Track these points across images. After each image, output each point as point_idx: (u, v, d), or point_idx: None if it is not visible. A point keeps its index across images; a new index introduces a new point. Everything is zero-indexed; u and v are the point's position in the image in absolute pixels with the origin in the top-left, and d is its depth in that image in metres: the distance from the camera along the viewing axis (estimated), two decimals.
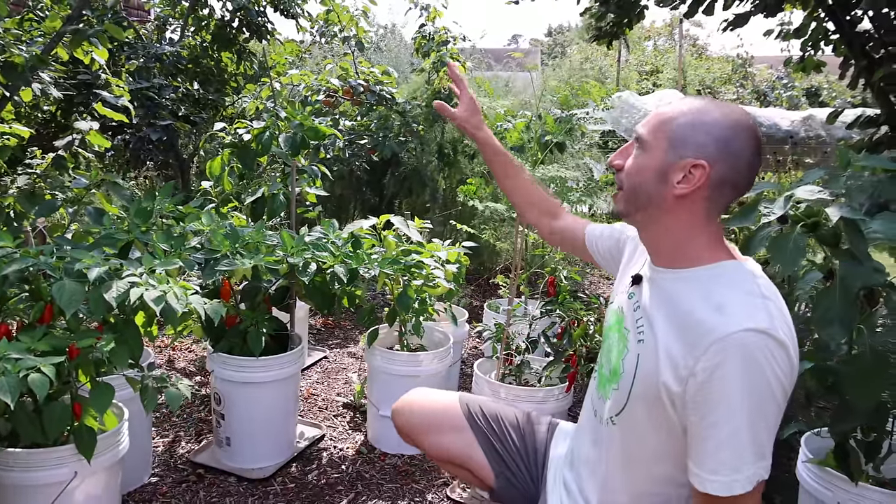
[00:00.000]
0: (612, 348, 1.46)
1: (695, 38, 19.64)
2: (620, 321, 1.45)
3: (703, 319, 1.21)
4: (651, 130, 1.32)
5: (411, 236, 3.20)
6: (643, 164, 1.32)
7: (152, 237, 2.67)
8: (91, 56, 3.54)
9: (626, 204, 1.37)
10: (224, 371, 2.80)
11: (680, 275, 1.33)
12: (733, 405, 1.16)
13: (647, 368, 1.31)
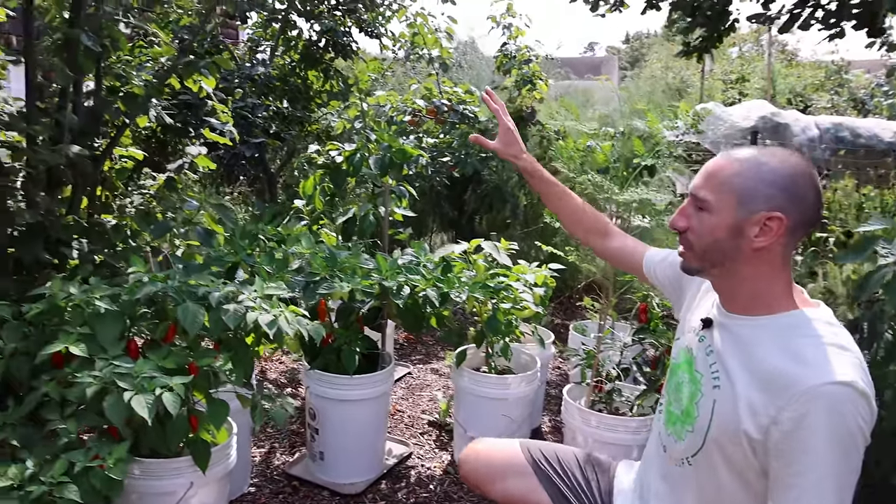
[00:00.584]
0: (683, 388, 1.50)
1: (784, 44, 18.53)
2: (691, 362, 1.49)
3: (786, 370, 1.25)
4: (714, 190, 1.35)
5: (501, 261, 3.29)
6: (715, 225, 1.35)
7: (257, 259, 2.85)
8: (199, 84, 3.76)
9: (699, 262, 1.41)
10: (319, 388, 2.95)
11: (757, 322, 1.36)
12: (819, 455, 1.19)
13: (725, 415, 1.34)
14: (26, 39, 2.91)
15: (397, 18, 6.68)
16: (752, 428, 1.27)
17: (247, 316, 2.16)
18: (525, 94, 6.32)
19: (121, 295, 2.16)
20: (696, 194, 1.38)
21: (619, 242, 1.96)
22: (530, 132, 6.31)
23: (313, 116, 6.95)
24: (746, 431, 1.28)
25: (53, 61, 3.04)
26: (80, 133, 3.07)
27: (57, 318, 2.16)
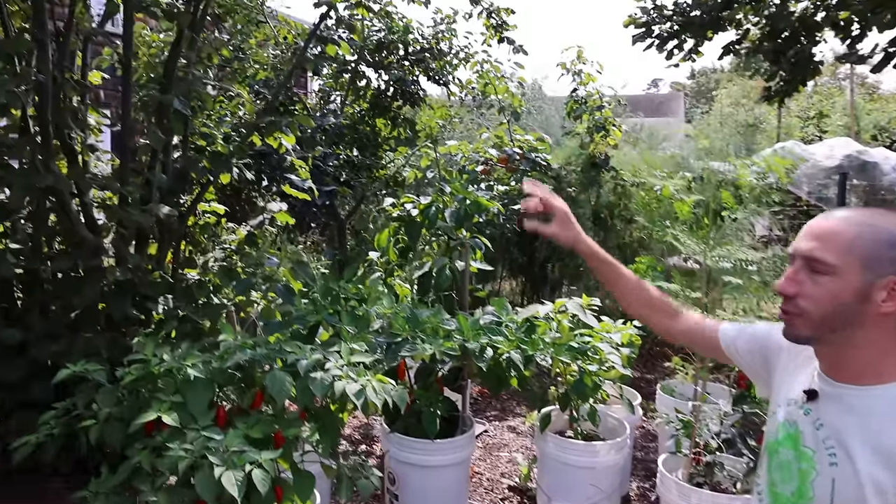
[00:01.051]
0: (790, 466, 1.38)
1: (863, 77, 17.96)
2: (796, 438, 1.37)
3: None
4: (836, 253, 1.26)
5: (585, 320, 3.19)
6: (837, 290, 1.26)
7: (338, 319, 2.82)
8: (279, 141, 3.82)
9: (813, 330, 1.30)
10: (400, 452, 2.88)
11: (869, 392, 1.27)
12: None
13: (848, 495, 1.25)
14: (123, 107, 3.01)
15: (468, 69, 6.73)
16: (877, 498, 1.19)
17: (335, 385, 2.11)
18: (598, 141, 6.25)
19: (211, 362, 2.15)
20: (816, 257, 1.28)
21: (687, 322, 1.78)
22: (604, 178, 6.23)
23: (381, 163, 7.02)
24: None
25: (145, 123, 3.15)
26: (168, 191, 3.14)
27: (150, 384, 2.16)
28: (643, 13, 6.28)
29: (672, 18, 6.17)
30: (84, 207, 3.08)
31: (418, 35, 6.67)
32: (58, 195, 2.84)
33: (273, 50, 6.45)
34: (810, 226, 1.32)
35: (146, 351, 2.17)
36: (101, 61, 3.35)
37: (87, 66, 3.18)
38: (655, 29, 6.39)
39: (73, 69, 3.17)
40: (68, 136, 2.97)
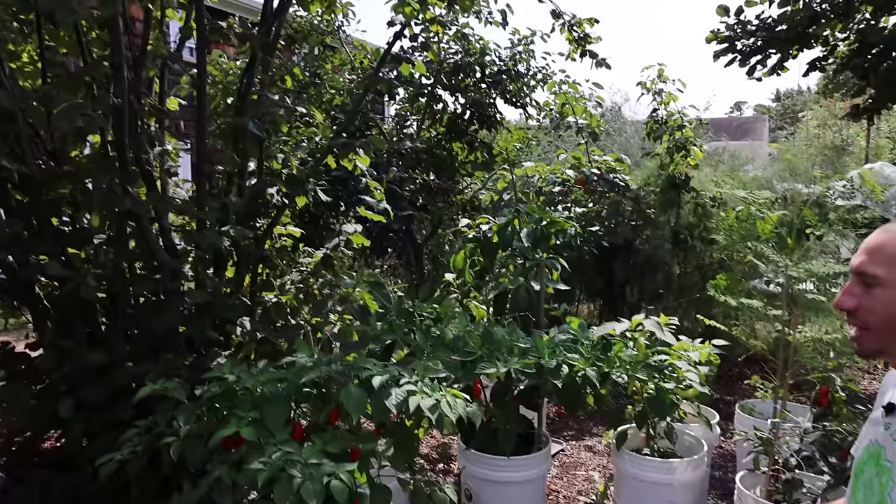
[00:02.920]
0: (872, 484, 1.37)
1: None
2: (878, 455, 1.37)
3: None
4: (885, 264, 1.30)
5: (665, 339, 3.13)
6: (890, 300, 1.29)
7: (413, 338, 2.86)
8: (354, 163, 3.90)
9: (877, 342, 1.33)
10: (476, 469, 2.89)
11: None
12: None
13: None
14: (198, 131, 3.12)
15: (547, 90, 6.69)
16: None
17: (409, 400, 2.14)
18: (678, 161, 6.14)
19: (287, 378, 2.21)
20: (865, 270, 1.32)
21: None
22: (684, 199, 6.11)
23: (458, 187, 7.06)
24: None
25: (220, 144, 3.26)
26: (244, 215, 3.24)
27: (228, 401, 2.23)
28: (727, 29, 6.16)
29: (756, 34, 6.04)
30: (163, 232, 3.18)
31: (495, 57, 6.69)
32: (136, 219, 2.93)
33: (349, 75, 6.60)
34: (866, 241, 1.35)
35: (224, 369, 2.25)
36: (179, 90, 3.49)
37: (165, 94, 3.31)
38: (738, 44, 6.27)
39: (150, 95, 3.30)
40: (146, 162, 3.09)
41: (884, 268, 1.31)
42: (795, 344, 2.99)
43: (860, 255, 1.34)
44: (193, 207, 3.08)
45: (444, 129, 6.91)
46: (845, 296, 1.35)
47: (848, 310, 1.34)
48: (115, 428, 2.57)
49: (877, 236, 1.35)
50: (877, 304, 1.31)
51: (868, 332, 1.33)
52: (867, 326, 1.33)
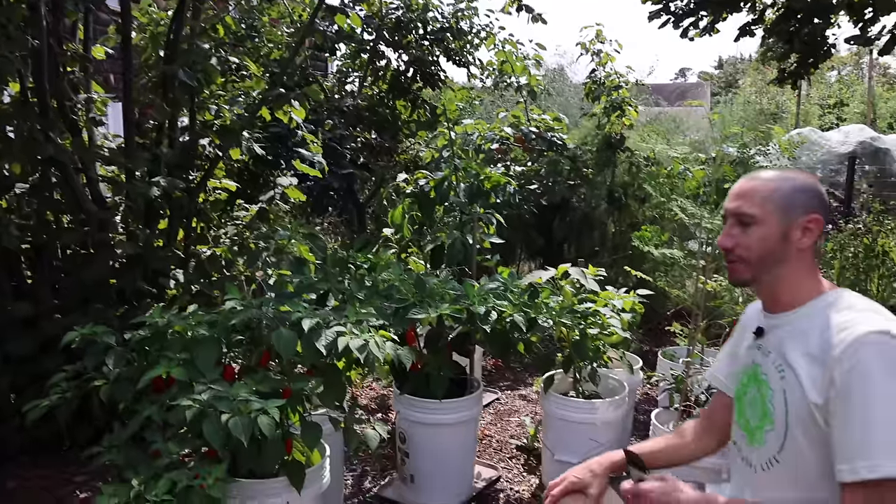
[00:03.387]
0: (756, 400, 1.59)
1: (885, 67, 18.06)
2: (756, 372, 1.61)
3: (832, 337, 1.41)
4: (757, 206, 1.54)
5: (589, 286, 3.25)
6: (764, 235, 1.53)
7: (347, 286, 2.91)
8: (289, 115, 3.90)
9: (753, 272, 1.56)
10: (409, 412, 2.98)
11: (801, 312, 1.54)
12: (876, 396, 1.31)
13: (796, 397, 1.46)
14: (125, 79, 3.08)
15: (486, 47, 6.68)
16: (816, 396, 1.40)
17: (338, 341, 2.21)
18: (614, 121, 6.26)
19: (217, 321, 2.25)
20: (742, 212, 1.55)
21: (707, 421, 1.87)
22: (619, 158, 6.24)
23: (401, 147, 7.05)
24: (814, 402, 1.40)
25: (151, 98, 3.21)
26: (175, 166, 3.22)
27: (158, 344, 2.26)
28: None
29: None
30: (90, 182, 3.12)
31: (438, 14, 6.65)
32: (61, 168, 2.88)
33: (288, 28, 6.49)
34: (736, 187, 1.59)
35: (153, 314, 2.28)
36: (106, 39, 3.42)
37: (90, 41, 3.23)
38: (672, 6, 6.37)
39: (73, 41, 3.21)
40: (70, 110, 3.02)
41: (758, 208, 1.54)
42: (711, 292, 3.15)
43: (735, 200, 1.57)
44: (121, 157, 3.05)
45: (386, 86, 6.86)
46: (726, 237, 1.58)
47: (729, 248, 1.57)
48: (43, 379, 2.56)
49: (747, 183, 1.58)
50: (753, 241, 1.54)
51: (743, 264, 1.57)
52: (745, 260, 1.56)
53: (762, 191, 1.55)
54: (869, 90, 13.37)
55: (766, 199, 1.54)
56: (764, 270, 1.56)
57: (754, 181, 1.57)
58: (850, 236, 5.31)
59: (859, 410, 1.32)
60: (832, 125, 12.33)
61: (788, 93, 14.55)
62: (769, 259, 1.54)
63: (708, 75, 36.75)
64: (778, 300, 1.58)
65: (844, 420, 1.34)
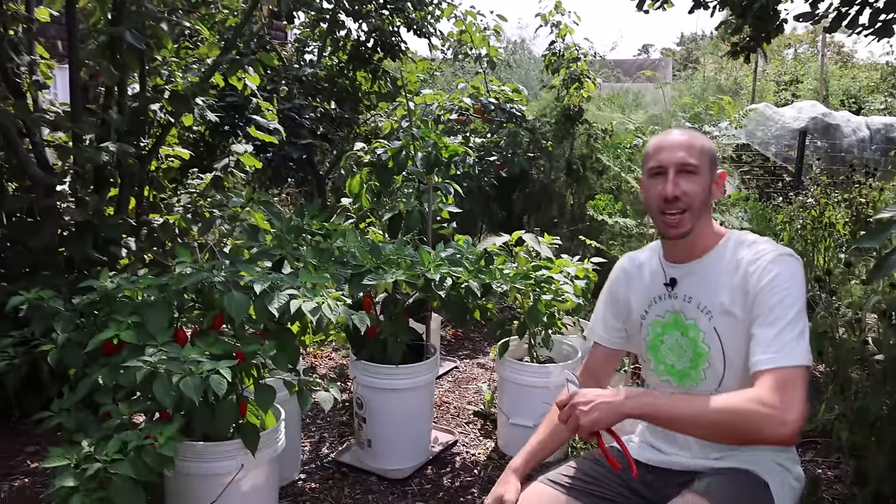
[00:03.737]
0: (680, 344, 1.70)
1: (840, 46, 18.54)
2: (677, 319, 1.71)
3: (748, 266, 1.58)
4: (697, 157, 1.63)
5: (542, 252, 3.29)
6: (703, 185, 1.64)
7: (303, 253, 2.91)
8: (244, 82, 3.84)
9: (693, 221, 1.64)
10: (365, 377, 3.00)
11: (713, 255, 1.66)
12: (792, 298, 1.51)
13: (728, 328, 1.60)
14: (70, 39, 3.00)
15: (446, 17, 6.63)
16: (746, 316, 1.56)
17: (290, 303, 2.21)
18: (573, 93, 6.28)
19: (168, 285, 2.23)
20: (687, 162, 1.62)
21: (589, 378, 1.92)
22: (578, 131, 6.28)
23: (362, 118, 6.99)
24: (743, 327, 1.56)
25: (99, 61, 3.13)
26: (125, 132, 3.15)
27: (107, 308, 2.23)
28: None
29: None
30: (35, 147, 3.04)
31: None
32: (3, 131, 2.79)
33: None
34: (673, 141, 1.65)
35: (102, 278, 2.25)
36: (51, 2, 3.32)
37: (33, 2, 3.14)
38: None
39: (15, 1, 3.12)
40: (12, 72, 2.94)
41: (697, 159, 1.63)
42: None
43: (678, 151, 1.63)
44: (68, 122, 2.98)
45: (346, 57, 6.78)
46: (673, 186, 1.62)
47: (676, 196, 1.61)
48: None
49: (683, 136, 1.66)
50: (696, 188, 1.63)
51: (688, 214, 1.63)
52: (688, 208, 1.62)
53: (697, 144, 1.65)
54: (822, 67, 13.64)
55: (702, 152, 1.64)
56: (697, 220, 1.64)
57: (689, 134, 1.67)
58: (800, 208, 5.45)
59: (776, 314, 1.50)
60: (787, 101, 12.58)
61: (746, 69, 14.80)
62: (703, 209, 1.64)
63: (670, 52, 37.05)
64: (695, 249, 1.68)
65: (764, 322, 1.51)
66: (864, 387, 2.75)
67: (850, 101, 13.46)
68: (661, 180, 1.63)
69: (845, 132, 9.20)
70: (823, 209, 5.21)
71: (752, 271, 1.57)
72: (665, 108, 7.43)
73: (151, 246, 3.26)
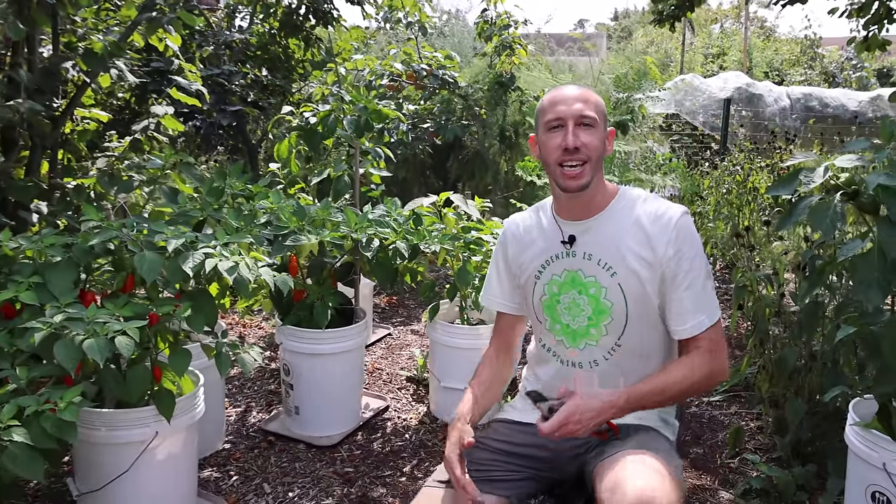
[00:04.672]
0: (577, 302, 1.69)
1: (763, 20, 19.30)
2: (574, 277, 1.69)
3: (652, 224, 1.61)
4: (594, 110, 1.63)
5: (471, 214, 3.25)
6: (600, 137, 1.64)
7: (224, 215, 2.80)
8: (165, 43, 3.67)
9: (592, 174, 1.62)
10: (292, 343, 2.92)
11: (610, 211, 1.67)
12: (698, 266, 1.60)
13: (632, 285, 1.62)
14: None
15: None
16: (650, 278, 1.60)
17: (205, 263, 2.12)
18: (504, 60, 6.24)
19: (74, 244, 2.11)
20: (586, 114, 1.61)
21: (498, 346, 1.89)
22: (510, 98, 6.25)
23: (296, 87, 6.84)
24: (649, 284, 1.61)
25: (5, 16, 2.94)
26: (35, 91, 2.97)
27: (6, 269, 2.10)
28: None
29: None
30: None
31: None
32: None
33: None
34: (564, 96, 1.63)
35: (2, 238, 2.12)
36: None
37: None
38: None
39: None
40: None
41: (594, 112, 1.62)
42: None
43: (576, 104, 1.61)
44: None
45: (277, 23, 6.60)
46: (574, 137, 1.60)
47: (577, 147, 1.59)
48: None
49: (578, 90, 1.65)
50: (594, 140, 1.62)
51: (587, 166, 1.62)
52: (588, 159, 1.61)
53: (592, 98, 1.65)
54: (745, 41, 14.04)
55: (597, 105, 1.65)
56: (596, 172, 1.64)
57: (582, 89, 1.66)
58: (725, 173, 5.56)
59: (688, 282, 1.59)
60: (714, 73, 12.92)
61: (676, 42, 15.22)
62: (599, 162, 1.65)
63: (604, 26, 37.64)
64: (592, 205, 1.68)
65: (676, 291, 1.60)
66: (781, 339, 2.81)
67: (773, 73, 14.02)
68: (560, 132, 1.61)
69: (768, 101, 9.63)
70: (747, 174, 5.32)
71: (657, 232, 1.61)
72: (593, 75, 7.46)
73: (65, 210, 3.09)
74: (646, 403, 1.58)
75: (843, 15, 4.42)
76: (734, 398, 3.36)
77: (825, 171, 1.78)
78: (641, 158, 6.71)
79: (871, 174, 1.72)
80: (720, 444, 2.95)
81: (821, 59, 15.05)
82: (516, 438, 1.71)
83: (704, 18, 19.15)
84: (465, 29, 10.52)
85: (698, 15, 17.19)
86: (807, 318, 2.40)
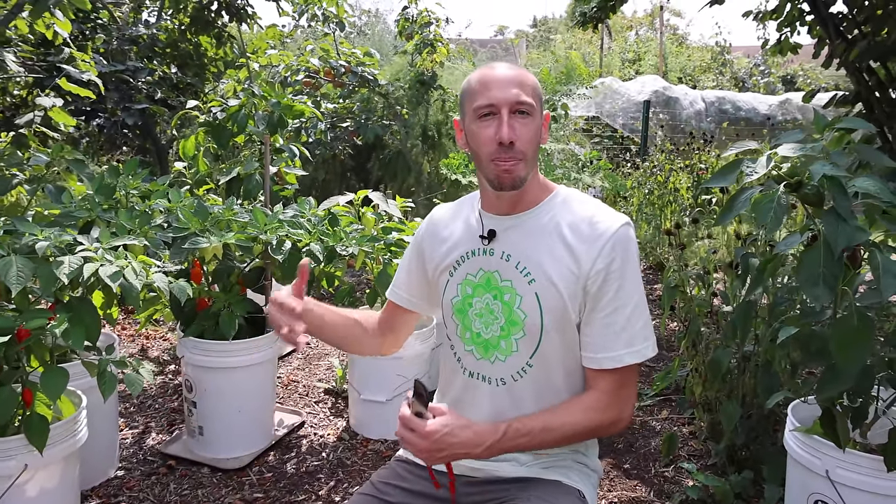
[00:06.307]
0: (490, 309, 1.44)
1: (675, 28, 20.15)
2: (489, 280, 1.45)
3: (586, 231, 1.38)
4: (531, 96, 1.38)
5: (392, 213, 3.05)
6: (537, 127, 1.40)
7: (115, 215, 2.51)
8: (53, 29, 3.36)
9: (528, 168, 1.39)
10: (195, 356, 2.65)
11: (541, 209, 1.44)
12: (629, 290, 1.36)
13: (551, 298, 1.38)
14: None
15: None
16: (573, 292, 1.36)
17: (84, 268, 1.85)
18: (425, 58, 6.08)
19: None
20: (524, 101, 1.36)
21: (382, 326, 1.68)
22: (432, 96, 6.09)
23: (210, 86, 6.52)
24: (570, 300, 1.36)
25: None
26: None
27: None
28: None
29: None
30: None
31: None
32: None
33: None
34: (497, 79, 1.36)
35: None
36: None
37: None
38: None
39: None
40: None
41: (531, 97, 1.38)
42: None
43: (511, 88, 1.35)
44: None
45: (188, 19, 6.27)
46: (508, 129, 1.34)
47: (512, 141, 1.34)
48: None
49: (513, 70, 1.39)
50: (530, 132, 1.37)
51: (524, 161, 1.37)
52: (523, 156, 1.37)
53: (529, 81, 1.39)
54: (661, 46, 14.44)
55: (534, 89, 1.40)
56: (532, 166, 1.41)
57: (515, 70, 1.40)
58: (646, 174, 5.57)
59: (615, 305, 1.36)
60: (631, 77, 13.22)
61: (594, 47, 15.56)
62: (536, 156, 1.42)
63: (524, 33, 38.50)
64: (522, 201, 1.44)
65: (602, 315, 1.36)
66: (714, 340, 2.71)
67: (686, 78, 14.53)
68: (492, 122, 1.36)
69: (684, 104, 9.92)
70: (668, 175, 5.32)
71: (588, 241, 1.37)
72: None
73: None
74: (523, 446, 1.35)
75: (756, 17, 4.46)
76: (664, 402, 3.26)
77: (768, 161, 1.65)
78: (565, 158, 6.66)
79: (815, 164, 1.60)
80: (654, 452, 2.83)
81: (731, 66, 15.68)
82: (417, 486, 1.48)
83: (621, 25, 19.67)
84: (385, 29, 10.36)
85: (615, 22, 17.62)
86: (740, 318, 2.29)
